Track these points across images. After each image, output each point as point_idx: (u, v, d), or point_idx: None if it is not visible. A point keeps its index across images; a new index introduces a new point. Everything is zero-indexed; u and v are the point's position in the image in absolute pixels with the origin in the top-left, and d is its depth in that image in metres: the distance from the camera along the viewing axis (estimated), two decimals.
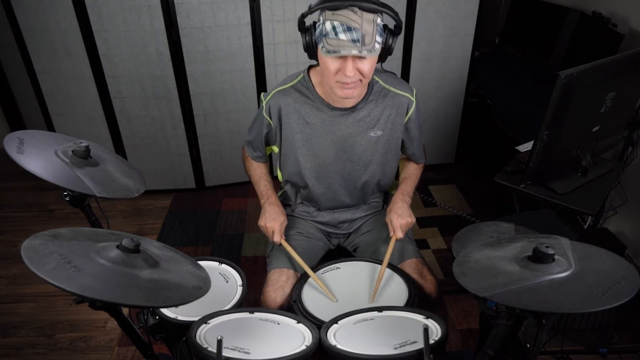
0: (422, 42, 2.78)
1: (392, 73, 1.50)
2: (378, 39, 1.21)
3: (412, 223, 1.48)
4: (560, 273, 0.91)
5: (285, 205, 1.64)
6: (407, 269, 1.46)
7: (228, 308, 1.28)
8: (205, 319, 1.18)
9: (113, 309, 0.99)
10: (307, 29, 1.28)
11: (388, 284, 1.41)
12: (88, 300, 0.86)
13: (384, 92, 1.45)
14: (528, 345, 1.30)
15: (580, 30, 2.65)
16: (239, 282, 1.40)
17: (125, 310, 1.09)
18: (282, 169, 1.60)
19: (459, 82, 2.96)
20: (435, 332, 1.13)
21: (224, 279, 1.41)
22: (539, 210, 1.73)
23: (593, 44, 2.51)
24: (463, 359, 1.92)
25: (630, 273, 0.89)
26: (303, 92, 1.44)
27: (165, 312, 1.27)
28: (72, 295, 0.81)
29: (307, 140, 1.47)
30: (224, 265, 1.46)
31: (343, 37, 1.18)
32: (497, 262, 0.98)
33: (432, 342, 1.07)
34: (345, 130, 1.45)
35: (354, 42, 1.18)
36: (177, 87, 2.66)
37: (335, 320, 1.20)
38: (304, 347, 1.11)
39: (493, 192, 2.85)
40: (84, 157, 1.26)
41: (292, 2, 2.55)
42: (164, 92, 2.67)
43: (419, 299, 1.35)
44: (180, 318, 1.25)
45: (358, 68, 1.25)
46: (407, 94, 1.47)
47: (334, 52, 1.20)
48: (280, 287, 1.41)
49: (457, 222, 2.71)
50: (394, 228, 1.45)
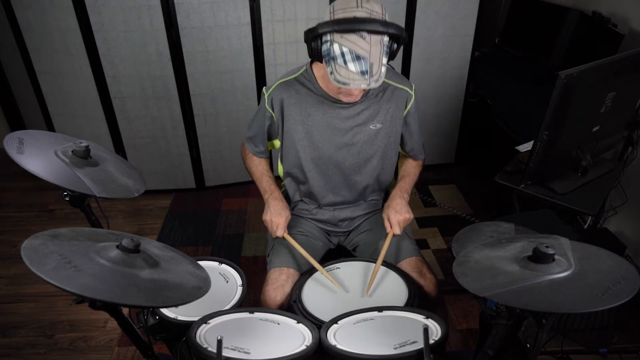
0: (422, 42, 2.78)
1: (391, 67, 1.51)
2: (384, 61, 1.24)
3: (409, 219, 1.49)
4: (560, 273, 0.91)
5: None
6: (406, 268, 1.47)
7: (228, 308, 1.28)
8: (205, 319, 1.18)
9: (113, 309, 0.99)
10: (313, 39, 1.27)
11: (388, 284, 1.41)
12: (88, 300, 0.86)
13: (384, 85, 1.47)
14: (528, 345, 1.30)
15: (580, 30, 2.65)
16: (239, 282, 1.40)
17: (125, 310, 1.09)
18: (283, 162, 1.61)
19: (459, 82, 2.96)
20: (435, 332, 1.13)
21: (224, 279, 1.41)
22: (539, 210, 1.73)
23: (593, 44, 2.50)
24: (463, 359, 1.92)
25: (630, 273, 0.90)
26: (305, 84, 1.47)
27: (165, 312, 1.27)
28: (72, 295, 0.81)
29: (307, 132, 1.49)
30: (224, 265, 1.46)
31: (352, 67, 1.20)
32: (497, 262, 0.98)
33: (432, 342, 1.07)
34: (346, 123, 1.48)
35: (363, 74, 1.21)
36: (177, 87, 2.66)
37: (335, 320, 1.20)
38: (304, 347, 1.11)
39: (493, 192, 2.85)
40: (84, 157, 1.26)
41: (292, 2, 2.55)
42: (164, 92, 2.67)
43: (419, 299, 1.36)
44: (180, 318, 1.25)
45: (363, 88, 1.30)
46: (406, 88, 1.50)
47: (344, 84, 1.23)
48: (281, 286, 1.41)
49: (457, 222, 2.71)
50: (391, 224, 1.47)
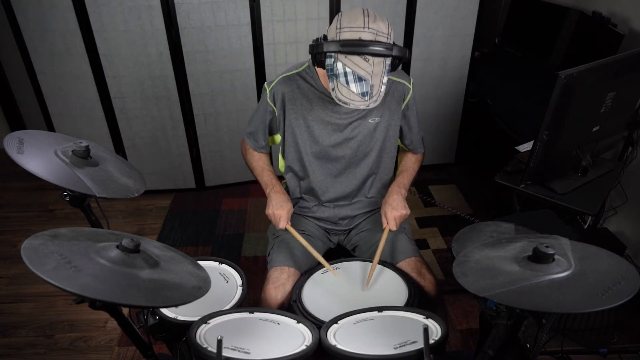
0: (422, 42, 2.78)
1: None
2: (385, 80, 1.26)
3: (406, 215, 1.50)
4: (560, 273, 0.91)
5: None
6: (405, 268, 1.47)
7: (228, 308, 1.28)
8: (205, 319, 1.18)
9: (113, 309, 0.99)
10: (318, 53, 1.29)
11: (388, 284, 1.41)
12: (88, 300, 0.86)
13: None
14: (528, 345, 1.29)
15: (580, 30, 2.65)
16: (239, 282, 1.40)
17: (125, 310, 1.09)
18: (284, 156, 1.62)
19: (459, 82, 2.96)
20: (435, 332, 1.13)
21: (224, 279, 1.41)
22: (539, 210, 1.73)
23: (593, 44, 2.50)
24: (463, 359, 1.92)
25: (630, 273, 0.90)
26: (307, 79, 1.49)
27: (165, 312, 1.27)
28: (72, 295, 0.81)
29: (308, 127, 1.51)
30: (224, 265, 1.46)
31: (354, 88, 1.25)
32: (497, 262, 0.98)
33: (432, 342, 1.07)
34: (345, 117, 1.49)
35: (363, 95, 1.25)
36: (177, 87, 2.66)
37: (335, 320, 1.20)
38: (304, 347, 1.11)
39: (493, 192, 2.85)
40: (84, 157, 1.26)
41: (292, 2, 2.55)
42: (164, 92, 2.67)
43: (419, 299, 1.36)
44: (180, 318, 1.25)
45: None
46: (404, 81, 1.52)
47: (345, 103, 1.28)
48: (281, 284, 1.41)
49: (457, 222, 2.71)
50: (388, 220, 1.48)
